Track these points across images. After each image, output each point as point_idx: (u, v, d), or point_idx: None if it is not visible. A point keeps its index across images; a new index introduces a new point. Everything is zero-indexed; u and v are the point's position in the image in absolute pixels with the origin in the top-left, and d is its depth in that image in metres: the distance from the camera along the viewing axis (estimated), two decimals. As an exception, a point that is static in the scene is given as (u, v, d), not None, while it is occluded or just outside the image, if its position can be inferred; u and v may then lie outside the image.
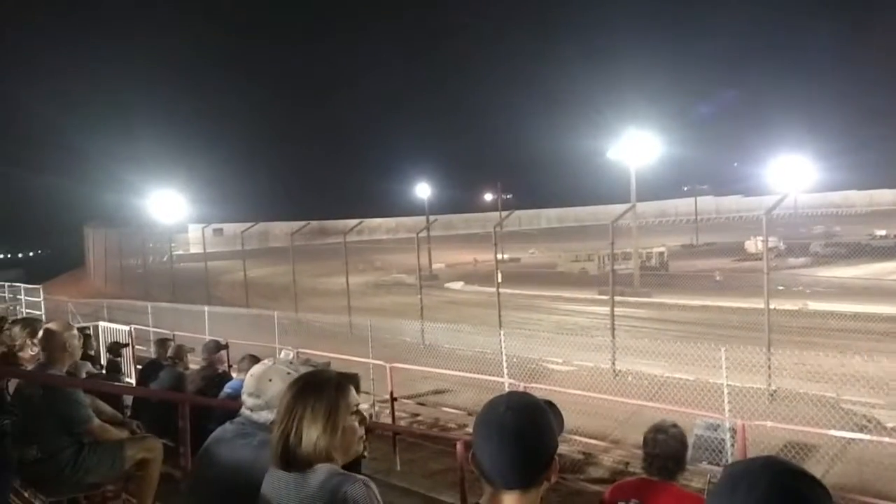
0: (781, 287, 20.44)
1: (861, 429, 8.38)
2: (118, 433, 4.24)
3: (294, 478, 1.81)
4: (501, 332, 12.22)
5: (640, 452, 3.26)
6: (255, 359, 4.97)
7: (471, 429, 1.56)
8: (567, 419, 1.66)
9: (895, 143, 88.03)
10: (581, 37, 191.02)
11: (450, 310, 22.04)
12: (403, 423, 10.33)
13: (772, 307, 11.24)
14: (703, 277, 25.33)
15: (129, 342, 11.57)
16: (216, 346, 7.01)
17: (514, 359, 11.48)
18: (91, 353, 8.82)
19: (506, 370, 10.93)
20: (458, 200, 70.57)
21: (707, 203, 69.42)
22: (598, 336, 14.56)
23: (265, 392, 2.33)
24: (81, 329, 6.07)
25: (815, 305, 18.32)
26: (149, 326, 16.01)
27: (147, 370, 7.64)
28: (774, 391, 10.29)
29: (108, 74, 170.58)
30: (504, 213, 33.90)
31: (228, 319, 17.23)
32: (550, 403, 1.57)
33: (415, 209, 53.23)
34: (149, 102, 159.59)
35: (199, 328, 15.65)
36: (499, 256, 17.85)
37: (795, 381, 10.45)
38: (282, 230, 38.79)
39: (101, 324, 14.10)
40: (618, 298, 15.06)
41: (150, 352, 11.64)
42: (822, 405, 9.24)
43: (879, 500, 6.18)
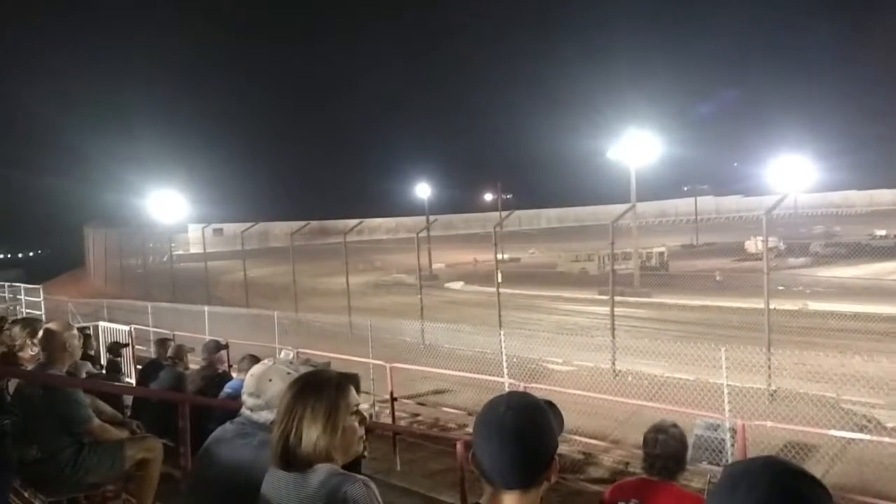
0: (781, 287, 20.44)
1: (861, 429, 8.38)
2: (118, 433, 4.23)
3: (294, 478, 1.81)
4: (501, 332, 12.23)
5: (640, 452, 3.26)
6: (255, 359, 4.96)
7: (471, 429, 1.55)
8: (567, 419, 1.66)
9: (895, 143, 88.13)
10: (581, 37, 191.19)
11: (450, 310, 22.04)
12: (403, 423, 10.32)
13: (772, 307, 11.23)
14: (704, 277, 25.31)
15: (129, 342, 11.57)
16: (216, 346, 7.02)
17: (514, 359, 11.48)
18: (91, 353, 8.82)
19: (506, 370, 10.93)
20: (459, 200, 70.68)
21: (707, 203, 69.43)
22: (598, 336, 14.56)
23: (265, 392, 2.33)
24: (81, 329, 6.07)
25: (815, 305, 18.32)
26: (149, 326, 16.01)
27: (147, 370, 7.64)
28: (774, 391, 10.29)
29: (109, 74, 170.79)
30: (504, 213, 33.90)
31: (228, 319, 17.24)
32: (550, 403, 1.57)
33: (415, 209, 53.26)
34: (149, 102, 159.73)
35: (199, 328, 15.65)
36: (499, 256, 17.85)
37: (795, 381, 10.45)
38: (282, 230, 38.77)
39: (101, 324, 14.10)
40: (618, 298, 15.07)
41: (150, 352, 11.66)
42: (822, 405, 9.24)
43: (880, 501, 6.17)
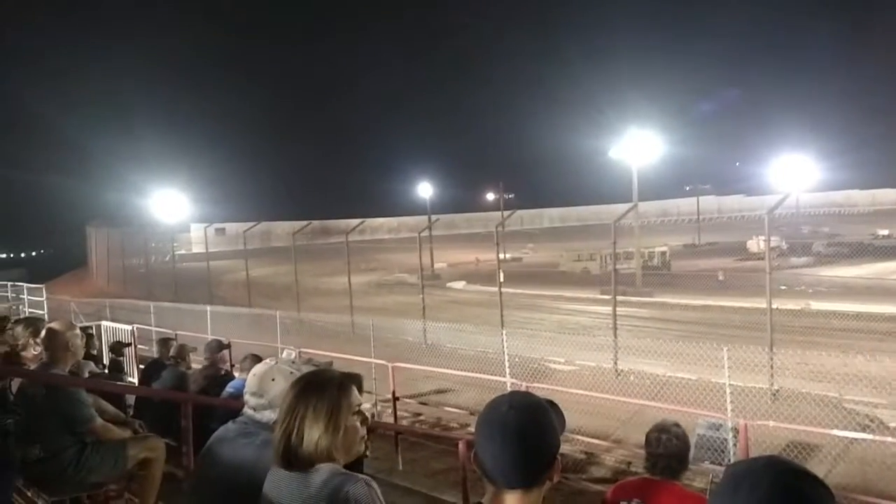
0: (784, 287, 20.44)
1: (864, 428, 8.38)
2: (121, 433, 4.23)
3: (296, 477, 1.81)
4: (503, 332, 12.23)
5: (643, 452, 3.26)
6: (258, 358, 4.97)
7: (473, 428, 1.55)
8: (569, 419, 1.66)
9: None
10: (582, 37, 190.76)
11: (452, 309, 22.04)
12: (405, 423, 10.33)
13: (774, 307, 11.22)
14: (706, 277, 25.29)
15: (132, 342, 11.59)
16: (218, 346, 7.02)
17: (517, 358, 11.49)
18: (93, 353, 8.80)
19: (508, 370, 10.93)
20: (460, 200, 70.76)
21: (709, 202, 69.36)
22: (600, 335, 14.56)
23: (268, 391, 2.33)
24: (84, 328, 6.06)
25: (818, 305, 18.30)
26: (151, 326, 16.02)
27: (149, 370, 7.64)
28: (777, 391, 10.28)
29: (110, 74, 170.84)
30: (506, 213, 33.90)
31: (230, 319, 17.26)
32: (552, 403, 1.57)
33: (417, 209, 53.35)
34: (150, 102, 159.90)
35: (202, 328, 15.66)
36: (501, 256, 17.85)
37: (798, 381, 10.44)
38: (284, 230, 38.80)
39: (104, 323, 14.14)
40: (620, 298, 15.06)
41: (153, 351, 11.67)
42: (825, 405, 9.22)
43: (882, 500, 6.15)
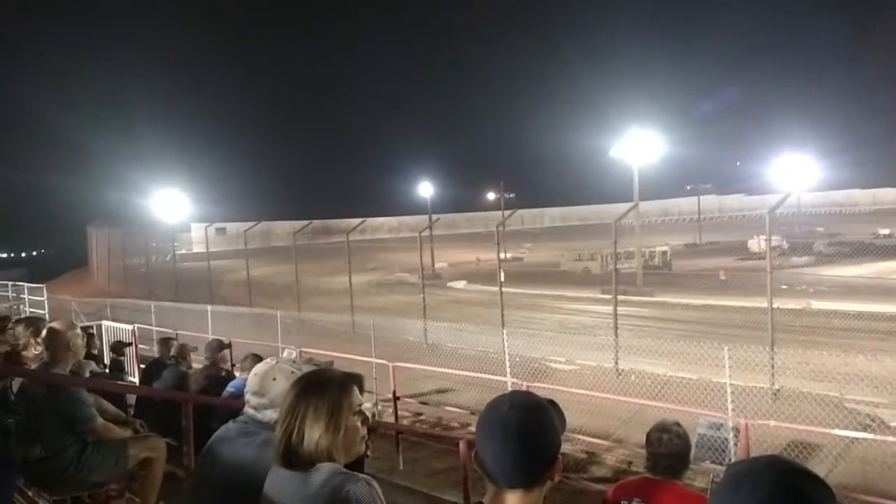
0: (785, 286, 20.43)
1: (865, 428, 8.38)
2: (121, 432, 4.23)
3: (297, 476, 1.80)
4: (504, 332, 12.23)
5: (643, 451, 3.25)
6: (258, 358, 4.96)
7: (474, 428, 1.55)
8: (570, 418, 1.66)
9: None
10: (582, 36, 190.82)
11: (453, 309, 22.05)
12: (406, 423, 10.33)
13: (775, 306, 11.22)
14: (706, 276, 25.30)
15: (133, 341, 11.60)
16: (219, 346, 7.02)
17: (517, 358, 11.49)
18: (94, 353, 8.80)
19: (509, 369, 10.93)
20: (461, 199, 70.81)
21: (710, 202, 69.31)
22: (601, 335, 14.56)
23: (270, 391, 2.32)
24: (85, 328, 6.07)
25: (819, 304, 18.29)
26: (152, 325, 16.04)
27: (150, 369, 7.64)
28: (778, 390, 10.28)
29: (110, 74, 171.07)
30: (507, 212, 33.89)
31: (231, 318, 17.28)
32: (553, 402, 1.57)
33: (417, 208, 53.40)
34: (150, 102, 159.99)
35: (202, 327, 15.67)
36: (501, 255, 17.85)
37: (799, 381, 10.44)
38: (284, 229, 38.81)
39: (105, 323, 14.16)
40: (621, 297, 15.05)
41: (154, 351, 11.66)
42: (826, 404, 9.22)
43: (883, 500, 6.15)
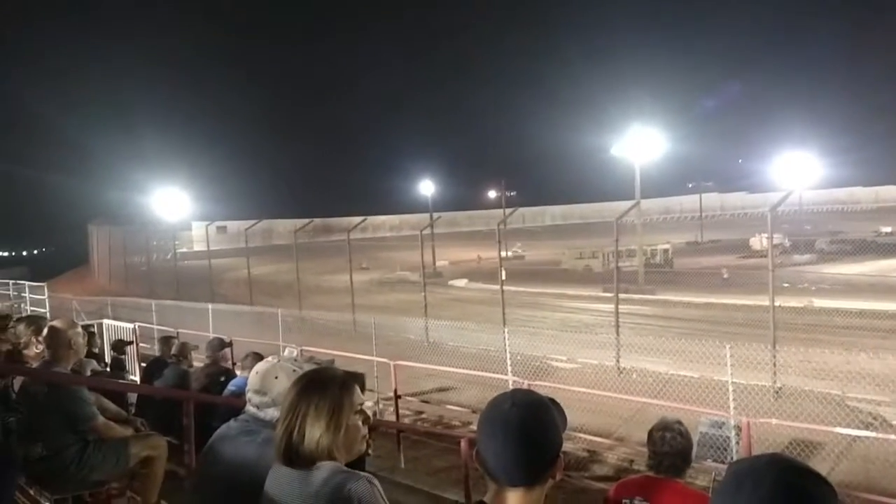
0: (787, 284, 20.40)
1: (867, 426, 8.38)
2: (123, 431, 4.23)
3: (298, 475, 1.80)
4: (505, 330, 12.23)
5: (645, 450, 3.25)
6: (259, 356, 4.97)
7: (475, 426, 1.54)
8: (571, 417, 1.65)
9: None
10: (583, 35, 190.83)
11: (454, 307, 22.06)
12: (407, 421, 10.33)
13: (777, 304, 11.22)
14: (708, 274, 25.27)
15: (134, 340, 11.61)
16: (220, 344, 7.04)
17: (519, 356, 11.49)
18: (95, 351, 8.83)
19: (510, 367, 10.92)
20: (462, 198, 70.83)
21: (712, 200, 69.16)
22: (603, 333, 14.55)
23: (272, 389, 2.32)
24: (86, 327, 6.08)
25: (821, 302, 18.28)
26: (153, 324, 16.05)
27: (151, 368, 7.66)
28: (779, 388, 10.27)
29: (111, 73, 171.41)
30: (508, 211, 33.87)
31: (232, 317, 17.29)
32: (554, 401, 1.56)
33: (418, 206, 53.42)
34: (151, 101, 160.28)
35: (203, 326, 15.69)
36: (503, 254, 17.85)
37: (801, 379, 10.43)
38: (285, 228, 38.79)
39: (106, 321, 14.16)
40: (622, 296, 15.05)
41: (155, 349, 11.66)
42: (828, 402, 9.22)
43: (885, 498, 6.15)
